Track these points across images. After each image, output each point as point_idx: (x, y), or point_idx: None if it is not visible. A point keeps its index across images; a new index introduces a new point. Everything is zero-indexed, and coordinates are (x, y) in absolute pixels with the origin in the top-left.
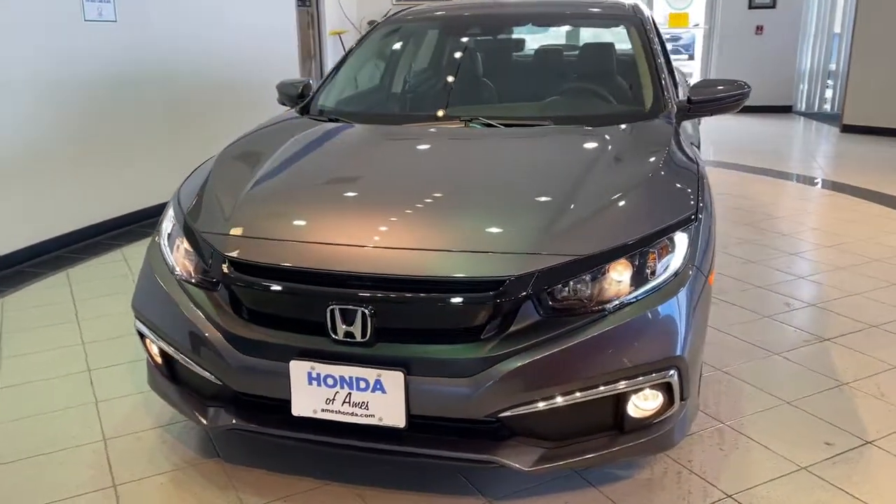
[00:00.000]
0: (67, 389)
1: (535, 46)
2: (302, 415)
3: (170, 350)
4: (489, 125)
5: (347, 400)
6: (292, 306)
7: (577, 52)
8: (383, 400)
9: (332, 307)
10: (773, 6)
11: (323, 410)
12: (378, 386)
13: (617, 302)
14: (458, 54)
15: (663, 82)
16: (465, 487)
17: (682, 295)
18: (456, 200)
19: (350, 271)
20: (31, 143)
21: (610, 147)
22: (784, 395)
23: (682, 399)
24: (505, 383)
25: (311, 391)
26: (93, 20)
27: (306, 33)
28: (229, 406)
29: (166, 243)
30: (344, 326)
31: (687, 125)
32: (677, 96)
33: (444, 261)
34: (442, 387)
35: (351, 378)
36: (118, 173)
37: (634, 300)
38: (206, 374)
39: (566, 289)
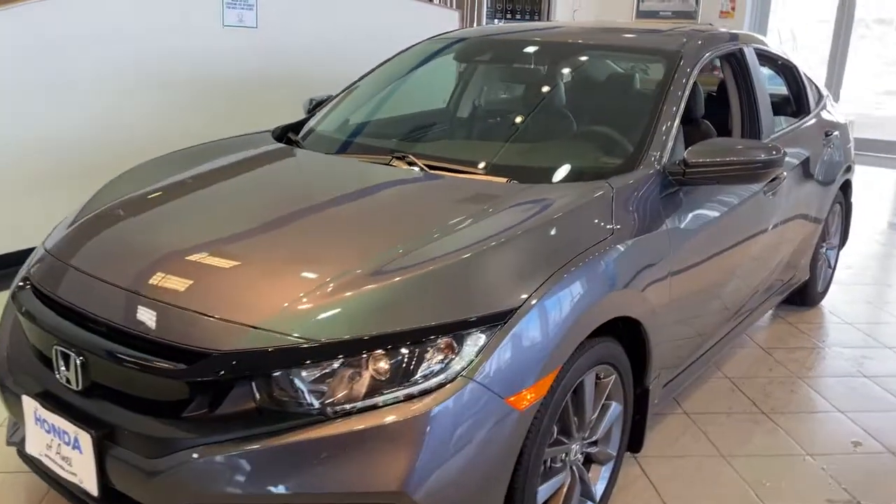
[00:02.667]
0: None
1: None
2: (32, 454)
3: None
4: (417, 166)
5: (59, 451)
6: (38, 337)
7: (579, 88)
8: (81, 460)
9: (55, 347)
10: None
11: (45, 455)
12: (77, 444)
13: (348, 405)
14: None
15: (652, 138)
16: None
17: (439, 414)
18: (232, 250)
19: (76, 306)
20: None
21: (474, 211)
22: None
23: None
24: (188, 475)
25: (38, 433)
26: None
27: None
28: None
29: None
30: (64, 370)
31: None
32: (682, 155)
33: (155, 316)
34: (129, 462)
35: (59, 429)
36: None
37: (366, 407)
38: None
39: (291, 378)
